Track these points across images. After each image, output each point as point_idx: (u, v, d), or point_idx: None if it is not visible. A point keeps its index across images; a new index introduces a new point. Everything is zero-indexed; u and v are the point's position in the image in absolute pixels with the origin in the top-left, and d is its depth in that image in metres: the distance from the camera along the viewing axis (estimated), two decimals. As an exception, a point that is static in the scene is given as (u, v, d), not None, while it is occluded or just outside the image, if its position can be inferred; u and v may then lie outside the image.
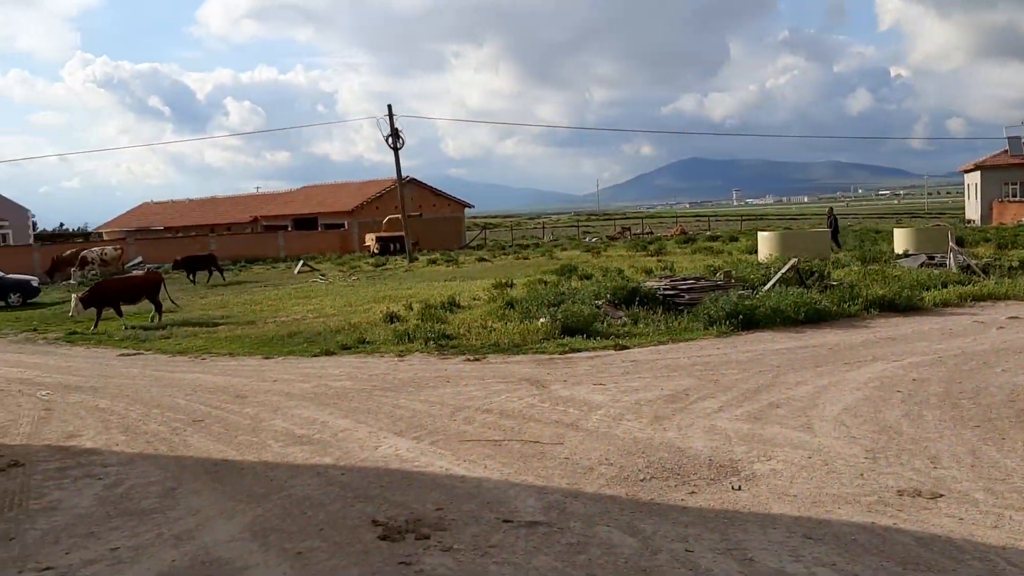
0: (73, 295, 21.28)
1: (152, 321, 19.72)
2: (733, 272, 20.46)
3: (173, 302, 22.84)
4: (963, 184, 79.80)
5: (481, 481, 7.16)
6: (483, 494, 6.82)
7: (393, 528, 6.11)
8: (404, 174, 51.15)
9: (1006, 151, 69.16)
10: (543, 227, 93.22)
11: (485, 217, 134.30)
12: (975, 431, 8.05)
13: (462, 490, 6.95)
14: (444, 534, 5.97)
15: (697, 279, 18.57)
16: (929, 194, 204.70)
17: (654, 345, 13.74)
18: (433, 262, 41.91)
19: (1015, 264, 21.94)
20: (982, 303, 17.19)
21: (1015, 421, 8.32)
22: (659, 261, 32.07)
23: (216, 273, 36.00)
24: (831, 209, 41.55)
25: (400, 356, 13.82)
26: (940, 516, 5.94)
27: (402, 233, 49.36)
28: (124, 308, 20.35)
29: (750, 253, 31.84)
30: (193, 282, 34.22)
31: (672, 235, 62.12)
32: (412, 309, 18.87)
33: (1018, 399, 9.18)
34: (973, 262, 21.90)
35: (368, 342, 15.20)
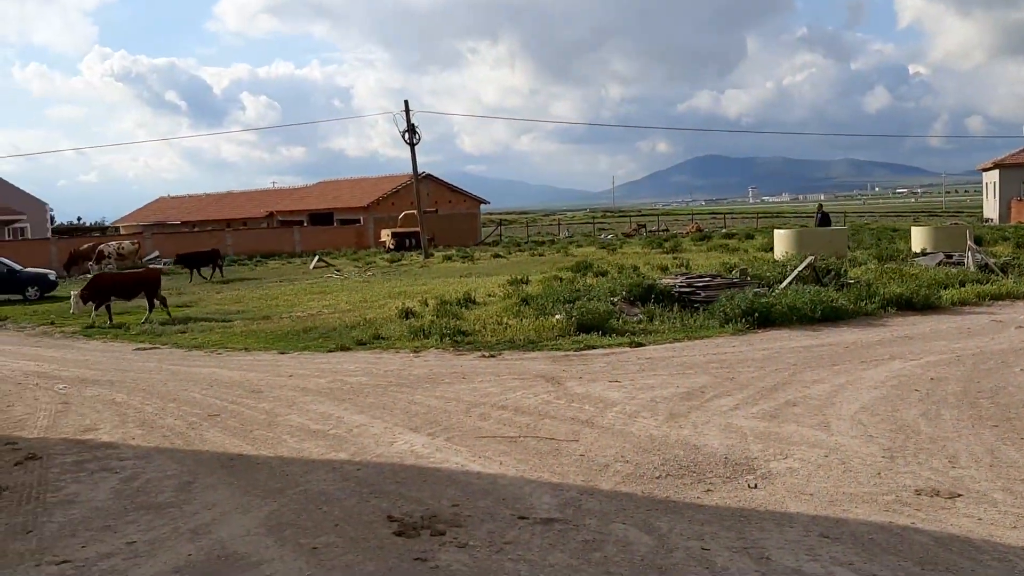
0: (72, 291, 21.34)
1: (147, 321, 19.55)
2: (749, 270, 20.39)
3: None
4: (981, 183, 79.27)
5: (496, 477, 7.15)
6: (498, 490, 6.81)
7: (408, 524, 6.11)
8: (420, 170, 51.20)
9: (1025, 149, 68.58)
10: (559, 224, 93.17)
11: (501, 213, 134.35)
12: (994, 431, 7.98)
13: (477, 486, 6.94)
14: (459, 530, 5.96)
15: (713, 276, 18.51)
16: (947, 192, 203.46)
17: (670, 342, 13.70)
18: (448, 258, 41.95)
19: (1034, 263, 21.76)
20: (1000, 302, 17.06)
21: (1034, 421, 8.25)
22: (675, 258, 32.01)
23: (217, 270, 35.65)
24: (820, 205, 41.59)
25: (415, 352, 13.82)
26: (959, 516, 5.89)
27: (418, 229, 49.43)
28: (127, 304, 20.40)
29: (766, 251, 31.72)
30: (203, 278, 34.05)
31: (688, 232, 61.97)
32: (427, 305, 18.88)
33: (1037, 399, 9.10)
34: (991, 261, 21.74)
35: (383, 338, 15.21)
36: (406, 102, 46.67)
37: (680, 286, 17.24)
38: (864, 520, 5.87)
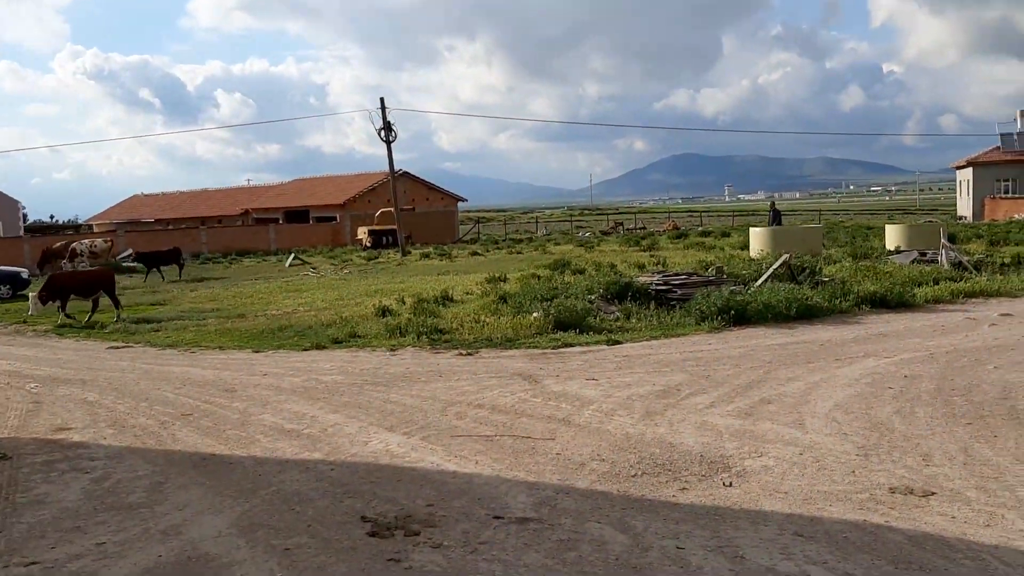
0: (31, 294, 21.11)
1: (119, 320, 19.34)
2: (725, 267, 20.48)
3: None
4: (955, 180, 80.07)
5: (472, 477, 7.12)
6: (474, 490, 6.78)
7: (382, 524, 6.06)
8: (397, 167, 51.12)
9: (998, 148, 69.49)
10: (536, 221, 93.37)
11: (478, 211, 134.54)
12: (967, 428, 8.03)
13: (453, 486, 6.90)
14: (434, 531, 5.92)
15: (689, 274, 18.55)
16: (921, 190, 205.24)
17: (646, 340, 13.70)
18: (426, 256, 41.88)
19: (1007, 261, 21.99)
20: (974, 300, 17.19)
21: (1007, 419, 8.31)
22: (651, 256, 32.09)
23: (179, 269, 34.61)
24: (773, 202, 42.14)
25: (392, 350, 13.75)
26: (932, 514, 5.91)
27: (395, 226, 49.31)
28: (85, 303, 20.25)
29: (742, 249, 31.86)
30: (162, 278, 32.98)
31: (664, 230, 62.24)
32: (404, 303, 18.81)
33: (1010, 396, 9.17)
34: (965, 259, 21.92)
35: (359, 336, 15.13)
36: (382, 100, 46.65)
37: (657, 284, 17.26)
38: (838, 518, 5.88)
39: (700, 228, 65.97)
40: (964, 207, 70.43)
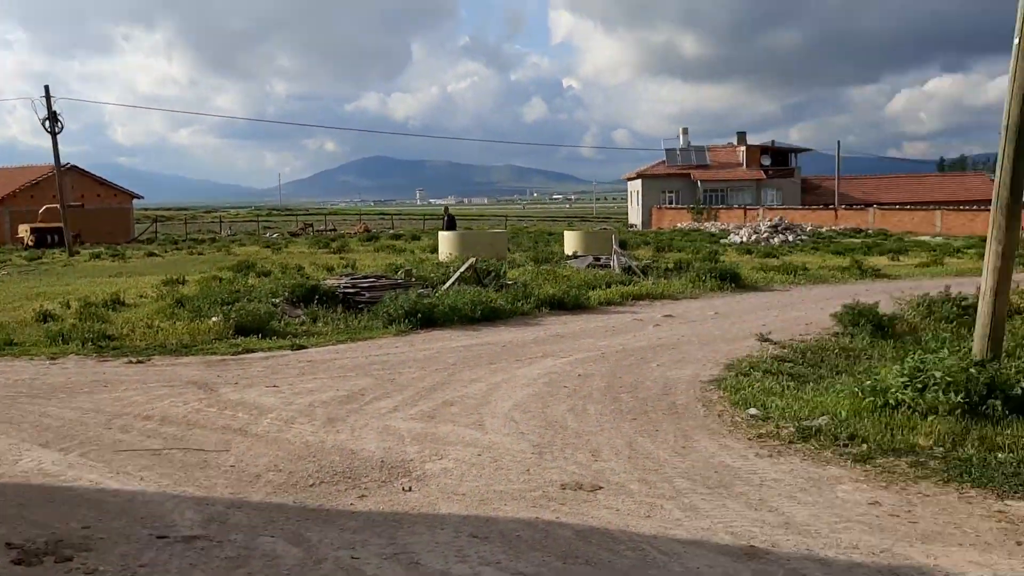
0: None
1: None
2: (414, 271, 20.67)
3: None
4: (627, 191, 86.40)
5: (135, 495, 6.59)
6: (137, 509, 6.27)
7: (30, 551, 5.45)
8: (65, 161, 47.49)
9: (664, 162, 75.92)
10: (220, 221, 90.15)
11: (157, 209, 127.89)
12: (632, 424, 8.52)
13: (113, 505, 6.35)
14: (89, 555, 5.40)
15: (378, 277, 18.53)
16: (597, 199, 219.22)
17: (333, 344, 13.50)
18: (97, 256, 39.11)
19: (670, 266, 23.85)
20: (641, 302, 18.48)
21: (667, 413, 8.91)
22: (341, 259, 31.87)
23: None
24: (447, 208, 44.13)
25: (52, 359, 12.59)
26: (599, 508, 6.17)
27: (61, 224, 45.65)
28: None
29: (432, 252, 32.38)
30: None
31: (355, 233, 62.23)
32: (69, 307, 17.37)
33: (670, 392, 9.86)
34: (634, 264, 23.52)
35: (15, 344, 13.71)
36: (46, 87, 43.29)
37: (345, 287, 17.08)
38: (512, 517, 5.99)
39: (391, 231, 66.56)
40: (635, 216, 76.20)
